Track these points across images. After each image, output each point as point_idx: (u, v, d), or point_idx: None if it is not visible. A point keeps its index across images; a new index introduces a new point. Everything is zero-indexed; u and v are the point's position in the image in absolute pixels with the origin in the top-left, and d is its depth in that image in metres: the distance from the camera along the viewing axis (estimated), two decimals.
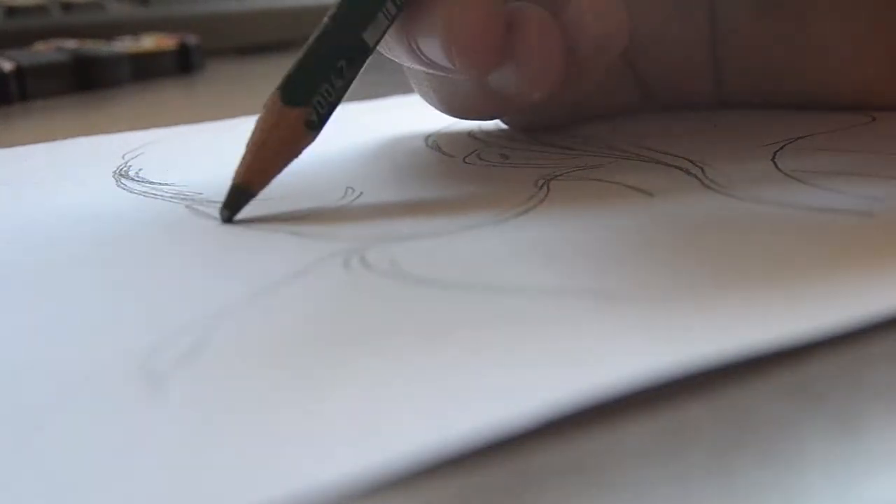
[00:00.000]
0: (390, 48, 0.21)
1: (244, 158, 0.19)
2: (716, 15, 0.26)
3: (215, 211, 0.20)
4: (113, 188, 0.23)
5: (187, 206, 0.20)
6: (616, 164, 0.22)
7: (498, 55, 0.20)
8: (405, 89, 0.38)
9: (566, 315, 0.13)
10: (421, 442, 0.10)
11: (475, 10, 0.20)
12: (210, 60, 0.56)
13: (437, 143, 0.26)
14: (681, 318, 0.13)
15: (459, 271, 0.15)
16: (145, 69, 0.49)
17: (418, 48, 0.21)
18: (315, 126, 0.19)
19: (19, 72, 0.43)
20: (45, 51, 0.47)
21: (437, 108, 0.25)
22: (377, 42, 0.20)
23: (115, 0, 0.60)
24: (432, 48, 0.20)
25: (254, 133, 0.19)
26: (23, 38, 0.50)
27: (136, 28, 0.56)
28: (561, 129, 0.26)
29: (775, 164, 0.21)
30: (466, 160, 0.24)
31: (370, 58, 0.20)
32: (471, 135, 0.27)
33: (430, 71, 0.21)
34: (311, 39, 0.19)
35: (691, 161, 0.21)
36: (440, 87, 0.24)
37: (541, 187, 0.20)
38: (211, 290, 0.15)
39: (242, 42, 0.65)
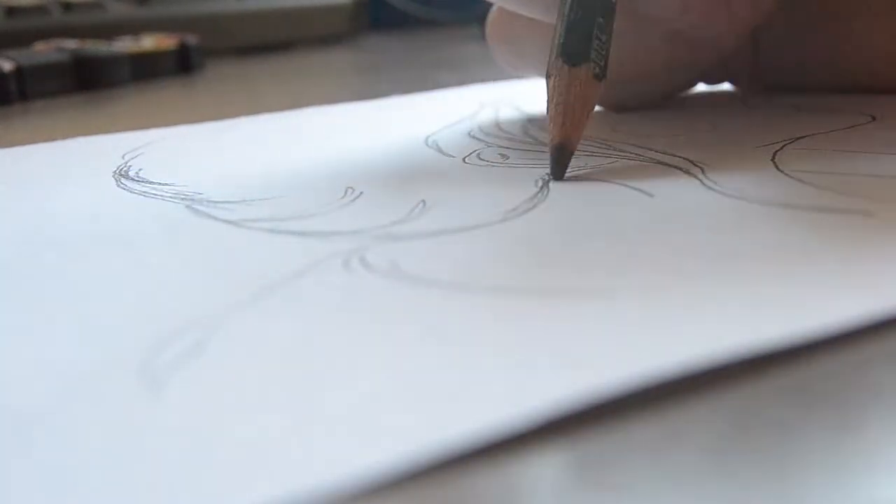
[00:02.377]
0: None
1: (554, 121, 0.21)
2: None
3: (215, 211, 0.20)
4: (113, 188, 0.23)
5: (187, 206, 0.20)
6: (616, 164, 0.22)
7: (711, 13, 0.24)
8: (405, 89, 0.38)
9: (566, 315, 0.13)
10: (420, 442, 0.10)
11: None
12: (210, 60, 0.56)
13: (437, 143, 0.26)
14: (681, 318, 0.13)
15: (459, 271, 0.15)
16: (145, 69, 0.50)
17: (640, 5, 0.24)
18: (601, 76, 0.21)
19: (19, 72, 0.43)
20: (45, 51, 0.47)
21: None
22: None
23: (115, 0, 0.60)
24: (657, 3, 0.24)
25: (552, 98, 0.21)
26: (23, 38, 0.50)
27: (136, 28, 0.56)
28: (642, 110, 0.29)
29: (775, 164, 0.21)
30: (466, 160, 0.24)
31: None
32: (471, 135, 0.27)
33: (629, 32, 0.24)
34: (567, 7, 0.22)
35: (691, 161, 0.21)
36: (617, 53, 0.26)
37: (541, 187, 0.20)
38: (211, 290, 0.15)
39: (242, 42, 0.65)
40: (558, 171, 0.21)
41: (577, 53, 0.21)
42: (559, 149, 0.21)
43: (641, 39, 0.25)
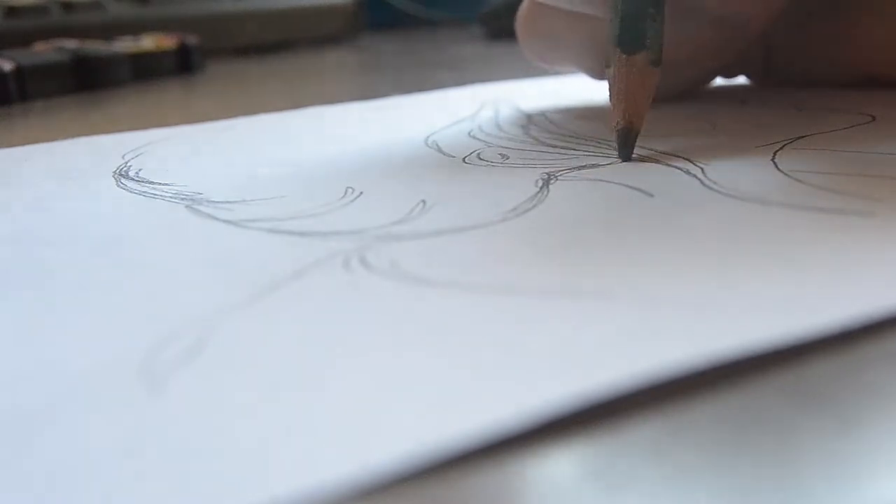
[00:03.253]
0: None
1: (616, 107, 0.22)
2: None
3: (215, 211, 0.20)
4: (113, 188, 0.23)
5: (187, 206, 0.20)
6: (616, 164, 0.22)
7: None
8: (405, 89, 0.38)
9: (566, 315, 0.13)
10: (420, 442, 0.10)
11: None
12: (210, 60, 0.56)
13: (437, 143, 0.26)
14: (681, 318, 0.13)
15: (459, 271, 0.15)
16: (145, 69, 0.50)
17: None
18: (657, 63, 0.22)
19: (19, 72, 0.43)
20: (45, 51, 0.47)
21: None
22: None
23: (115, 0, 0.60)
24: None
25: (613, 86, 0.22)
26: (23, 38, 0.50)
27: (136, 28, 0.56)
28: (675, 98, 0.29)
29: (775, 164, 0.21)
30: (466, 160, 0.24)
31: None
32: (471, 135, 0.27)
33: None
34: (618, 1, 0.22)
35: (691, 161, 0.21)
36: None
37: (541, 187, 0.20)
38: (211, 290, 0.15)
39: (242, 42, 0.65)
40: (625, 152, 0.22)
41: (633, 42, 0.22)
42: (624, 132, 0.22)
43: (681, 26, 0.25)
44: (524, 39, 0.30)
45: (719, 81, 0.32)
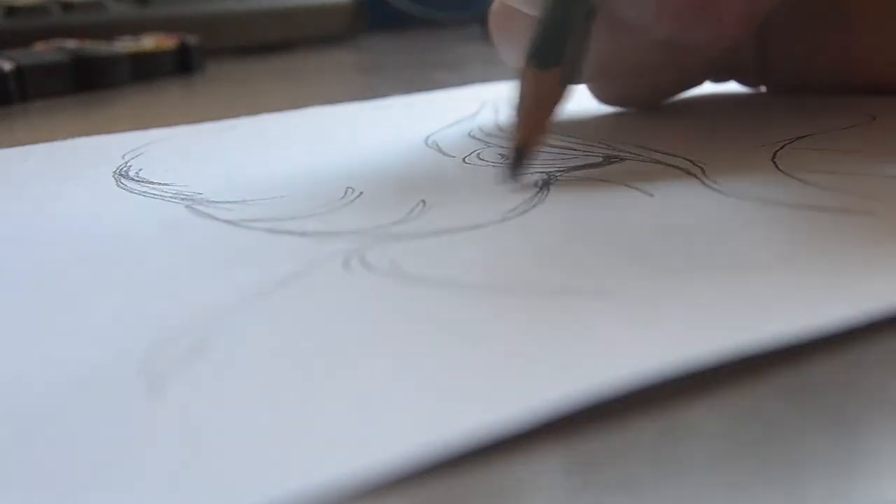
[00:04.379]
0: None
1: (518, 123, 0.21)
2: None
3: (215, 211, 0.20)
4: (113, 188, 0.23)
5: (187, 206, 0.20)
6: (616, 164, 0.22)
7: (698, 11, 0.22)
8: (405, 89, 0.38)
9: (566, 315, 0.13)
10: (421, 442, 0.10)
11: None
12: (210, 60, 0.56)
13: (437, 143, 0.26)
14: (681, 318, 0.13)
15: (459, 271, 0.15)
16: (145, 69, 0.50)
17: (616, 9, 0.23)
18: (571, 81, 0.21)
19: (19, 72, 0.43)
20: (45, 51, 0.47)
21: (593, 87, 0.28)
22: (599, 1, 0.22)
23: (115, 0, 0.60)
24: (633, 9, 0.22)
25: (518, 100, 0.21)
26: (23, 38, 0.50)
27: (136, 28, 0.56)
28: (645, 106, 0.28)
29: (775, 164, 0.21)
30: (466, 160, 0.24)
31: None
32: (471, 135, 0.27)
33: (614, 35, 0.23)
34: (547, 8, 0.21)
35: (691, 161, 0.21)
36: (607, 52, 0.25)
37: (541, 187, 0.20)
38: (211, 290, 0.15)
39: (242, 42, 0.65)
40: (513, 172, 0.20)
41: (547, 56, 0.21)
42: (517, 152, 0.21)
43: (627, 41, 0.24)
44: (496, 38, 0.29)
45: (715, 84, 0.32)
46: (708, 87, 0.31)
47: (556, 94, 0.21)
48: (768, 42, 0.28)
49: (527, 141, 0.21)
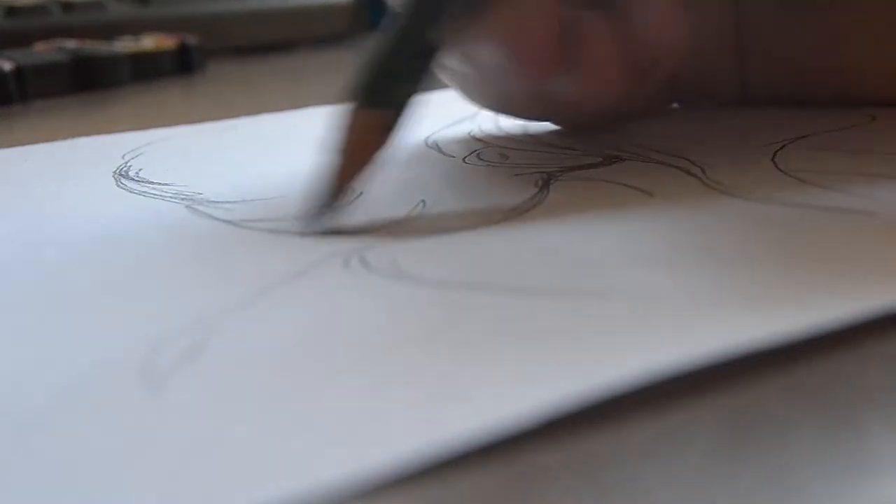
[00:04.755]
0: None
1: (333, 167, 0.18)
2: (740, 15, 0.26)
3: (215, 211, 0.20)
4: (113, 188, 0.23)
5: (187, 207, 0.20)
6: (616, 164, 0.22)
7: (556, 65, 0.20)
8: None
9: (566, 315, 0.13)
10: (421, 442, 0.10)
11: (535, 18, 0.19)
12: (210, 60, 0.56)
13: (437, 143, 0.26)
14: (681, 318, 0.13)
15: (459, 271, 0.15)
16: (145, 69, 0.50)
17: (473, 55, 0.20)
18: (393, 128, 0.19)
19: (19, 72, 0.43)
20: (45, 51, 0.47)
21: (480, 105, 0.25)
22: (444, 41, 0.19)
23: (115, 0, 0.60)
24: (488, 54, 0.20)
25: (338, 141, 0.18)
26: (23, 38, 0.50)
27: (136, 28, 0.56)
28: (606, 131, 0.26)
29: (775, 164, 0.21)
30: (466, 160, 0.24)
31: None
32: (471, 135, 0.27)
33: (482, 75, 0.21)
34: (381, 42, 0.19)
35: (691, 161, 0.21)
36: (488, 89, 0.23)
37: (541, 187, 0.20)
38: (211, 290, 0.15)
39: (242, 42, 0.65)
40: (310, 223, 0.18)
41: (373, 96, 0.18)
42: (327, 198, 0.18)
43: (496, 83, 0.22)
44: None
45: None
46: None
47: (375, 138, 0.18)
48: (749, 61, 0.27)
49: (339, 187, 0.18)
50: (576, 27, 0.20)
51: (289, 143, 0.28)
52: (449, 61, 0.21)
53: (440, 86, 0.25)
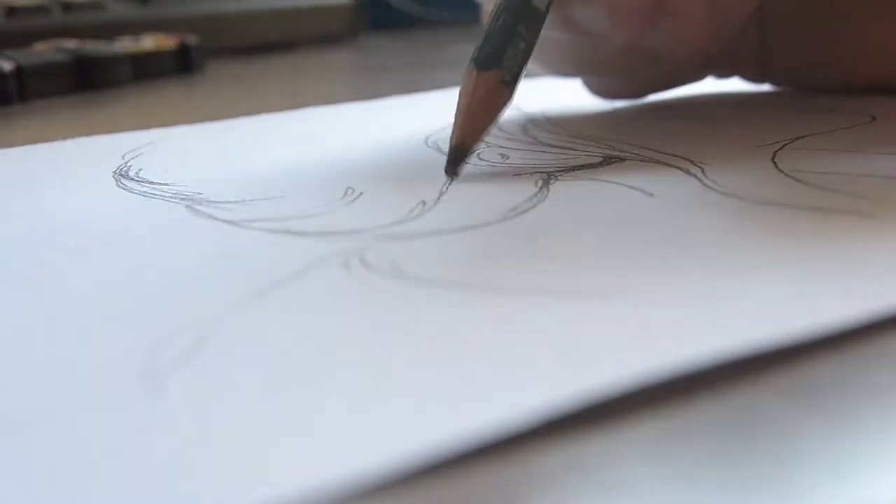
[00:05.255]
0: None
1: (456, 122, 0.21)
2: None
3: (215, 211, 0.20)
4: (113, 188, 0.23)
5: (187, 207, 0.20)
6: (616, 164, 0.22)
7: (651, 17, 0.22)
8: (405, 89, 0.38)
9: (566, 315, 0.13)
10: (420, 442, 0.10)
11: None
12: (210, 60, 0.56)
13: (437, 143, 0.26)
14: (680, 318, 0.13)
15: (459, 271, 0.15)
16: (145, 69, 0.49)
17: (573, 18, 0.23)
18: (510, 83, 0.21)
19: (19, 72, 0.43)
20: (45, 51, 0.47)
21: (567, 71, 0.28)
22: (548, 7, 0.22)
23: (115, 0, 0.60)
24: (589, 16, 0.22)
25: (459, 99, 0.21)
26: (23, 38, 0.50)
27: (136, 28, 0.56)
28: (636, 98, 0.28)
29: (775, 164, 0.21)
30: (466, 160, 0.23)
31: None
32: None
33: (580, 37, 0.24)
34: (493, 12, 0.21)
35: (691, 161, 0.21)
36: (582, 52, 0.25)
37: (541, 187, 0.20)
38: (211, 290, 0.15)
39: (242, 42, 0.65)
40: (451, 168, 0.21)
41: (488, 58, 0.21)
42: (455, 150, 0.21)
43: (590, 45, 0.24)
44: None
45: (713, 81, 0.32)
46: (709, 86, 0.31)
47: (495, 95, 0.21)
48: (768, 36, 0.28)
49: (464, 141, 0.21)
50: None
51: (289, 143, 0.29)
52: (548, 29, 0.23)
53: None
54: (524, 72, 0.21)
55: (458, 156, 0.21)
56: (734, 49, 0.28)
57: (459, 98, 0.21)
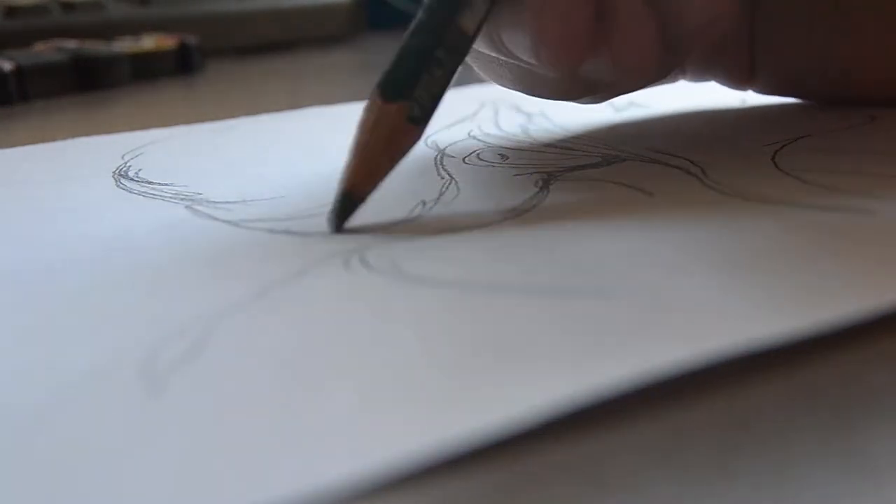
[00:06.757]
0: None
1: (349, 162, 0.18)
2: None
3: (215, 211, 0.20)
4: (113, 188, 0.23)
5: (187, 207, 0.20)
6: (616, 164, 0.22)
7: (587, 50, 0.19)
8: None
9: (566, 315, 0.13)
10: (421, 442, 0.10)
11: (563, 2, 0.18)
12: (210, 60, 0.56)
13: (437, 143, 0.26)
14: (681, 318, 0.13)
15: (459, 271, 0.15)
16: (145, 69, 0.50)
17: (501, 42, 0.20)
18: (419, 120, 0.18)
19: (19, 72, 0.43)
20: (45, 51, 0.47)
21: (510, 88, 0.24)
22: (477, 29, 0.19)
23: (115, 0, 0.60)
24: (518, 43, 0.19)
25: (357, 134, 0.18)
26: (23, 38, 0.50)
27: (136, 28, 0.56)
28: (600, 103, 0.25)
29: (775, 163, 0.21)
30: (466, 160, 0.24)
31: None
32: (471, 135, 0.27)
33: (514, 63, 0.21)
34: (407, 32, 0.18)
35: (691, 161, 0.21)
36: (519, 74, 0.22)
37: (541, 187, 0.20)
38: (211, 290, 0.15)
39: (242, 42, 0.65)
40: (338, 222, 0.18)
41: (396, 87, 0.18)
42: (343, 199, 0.18)
43: (529, 69, 0.21)
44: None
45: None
46: (708, 86, 0.31)
47: (399, 133, 0.18)
48: (759, 43, 0.27)
49: (358, 185, 0.18)
50: (609, 6, 0.19)
51: (289, 143, 0.29)
52: (478, 48, 0.21)
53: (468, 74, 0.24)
54: (438, 105, 0.18)
55: (346, 206, 0.18)
56: (716, 54, 0.26)
57: (357, 131, 0.18)
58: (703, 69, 0.27)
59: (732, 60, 0.27)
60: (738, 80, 0.27)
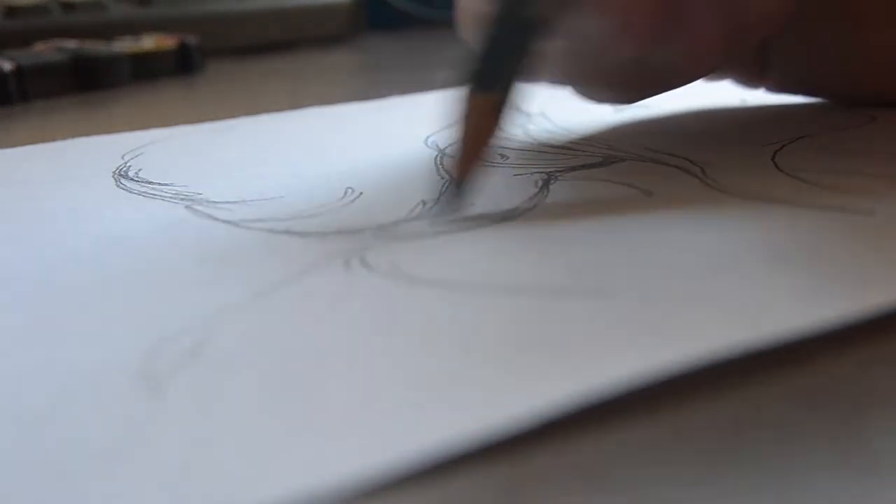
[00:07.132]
0: None
1: (459, 153, 0.19)
2: None
3: (215, 211, 0.20)
4: (113, 188, 0.23)
5: (187, 207, 0.20)
6: (616, 164, 0.22)
7: (660, 33, 0.20)
8: (405, 89, 0.38)
9: (566, 315, 0.13)
10: (420, 442, 0.10)
11: None
12: (210, 60, 0.56)
13: (437, 143, 0.26)
14: (680, 318, 0.13)
15: (459, 271, 0.15)
16: (145, 69, 0.49)
17: (576, 24, 0.20)
18: (506, 105, 0.19)
19: (19, 72, 0.43)
20: (45, 51, 0.47)
21: (571, 83, 0.25)
22: (555, 15, 0.19)
23: (115, 0, 0.60)
24: (591, 25, 0.20)
25: (462, 128, 0.19)
26: (23, 38, 0.50)
27: (136, 28, 0.56)
28: (627, 104, 0.26)
29: (775, 163, 0.21)
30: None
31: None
32: None
33: (582, 48, 0.21)
34: (485, 25, 0.19)
35: (691, 161, 0.21)
36: (585, 64, 0.23)
37: (541, 187, 0.20)
38: (211, 290, 0.15)
39: (242, 42, 0.65)
40: (450, 206, 0.19)
41: (482, 79, 0.19)
42: (457, 183, 0.19)
43: (594, 58, 0.22)
44: (462, 27, 0.26)
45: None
46: (708, 87, 0.31)
47: (488, 121, 0.19)
48: (770, 43, 0.27)
49: (466, 171, 0.19)
50: None
51: (288, 143, 0.29)
52: (549, 38, 0.21)
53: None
54: (520, 92, 0.19)
55: (459, 190, 0.19)
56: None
57: (458, 124, 0.19)
58: (720, 71, 0.28)
59: (746, 59, 0.27)
60: (750, 78, 0.28)
